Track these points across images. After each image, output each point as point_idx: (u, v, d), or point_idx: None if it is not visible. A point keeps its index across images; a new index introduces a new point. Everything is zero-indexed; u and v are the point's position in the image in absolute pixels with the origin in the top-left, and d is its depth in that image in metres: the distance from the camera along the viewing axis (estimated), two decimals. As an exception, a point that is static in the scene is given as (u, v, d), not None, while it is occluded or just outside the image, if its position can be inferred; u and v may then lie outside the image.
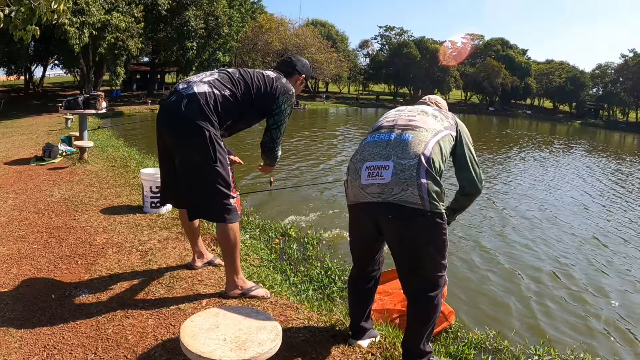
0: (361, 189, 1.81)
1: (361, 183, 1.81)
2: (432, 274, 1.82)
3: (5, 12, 2.71)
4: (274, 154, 2.56)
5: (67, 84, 41.39)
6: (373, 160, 1.80)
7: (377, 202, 1.77)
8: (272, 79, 2.43)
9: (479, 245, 5.96)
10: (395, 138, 1.83)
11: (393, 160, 1.76)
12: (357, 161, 1.88)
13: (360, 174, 1.82)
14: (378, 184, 1.75)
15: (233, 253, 2.37)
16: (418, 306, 1.85)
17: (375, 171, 1.77)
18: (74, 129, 10.90)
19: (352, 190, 1.88)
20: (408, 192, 1.70)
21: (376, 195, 1.76)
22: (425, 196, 1.70)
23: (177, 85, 2.39)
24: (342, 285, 3.71)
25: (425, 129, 1.84)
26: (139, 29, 23.92)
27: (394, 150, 1.79)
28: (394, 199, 1.72)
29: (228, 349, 1.38)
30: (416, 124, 1.87)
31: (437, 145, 1.79)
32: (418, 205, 1.70)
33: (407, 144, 1.78)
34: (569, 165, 16.78)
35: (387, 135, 1.87)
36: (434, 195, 1.71)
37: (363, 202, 1.83)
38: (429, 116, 1.93)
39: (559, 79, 63.52)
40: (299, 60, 2.65)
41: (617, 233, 7.52)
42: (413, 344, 1.89)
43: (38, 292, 2.51)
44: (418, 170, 1.71)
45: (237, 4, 35.05)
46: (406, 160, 1.73)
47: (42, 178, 5.61)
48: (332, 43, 52.17)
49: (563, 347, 3.45)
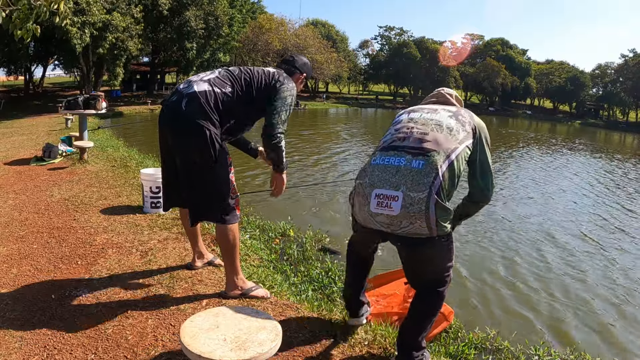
0: (370, 215, 1.79)
1: (370, 210, 1.78)
2: (440, 276, 1.89)
3: (6, 12, 2.71)
4: (274, 141, 2.29)
5: (67, 84, 41.39)
6: (382, 188, 1.76)
7: (386, 232, 1.79)
8: (272, 74, 2.42)
9: (478, 245, 5.96)
10: (405, 165, 1.76)
11: (402, 190, 1.72)
12: (366, 185, 1.83)
13: (370, 200, 1.78)
14: (387, 214, 1.74)
15: (233, 253, 2.36)
16: (426, 299, 1.91)
17: (384, 201, 1.74)
18: (74, 129, 10.91)
19: (361, 214, 1.86)
20: (416, 225, 1.70)
21: (385, 225, 1.76)
22: (434, 226, 1.71)
23: (178, 86, 2.39)
24: (342, 286, 3.71)
25: (437, 152, 1.75)
26: (138, 30, 23.93)
27: (404, 180, 1.73)
28: (402, 232, 1.74)
29: (228, 349, 1.38)
30: (428, 146, 1.78)
31: (449, 170, 1.74)
32: (425, 235, 1.73)
33: (417, 174, 1.72)
34: (565, 162, 16.78)
35: (397, 160, 1.80)
36: (441, 222, 1.72)
37: (372, 228, 1.83)
38: (443, 130, 1.83)
39: (559, 79, 63.51)
40: (300, 59, 2.63)
41: (617, 233, 7.52)
42: (411, 335, 1.91)
43: (38, 292, 2.51)
44: (427, 203, 1.68)
45: (239, 4, 35.07)
46: (415, 194, 1.69)
47: (42, 178, 5.61)
48: (332, 43, 52.14)
49: (563, 347, 3.45)
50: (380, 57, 64.51)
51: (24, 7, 2.72)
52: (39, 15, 2.74)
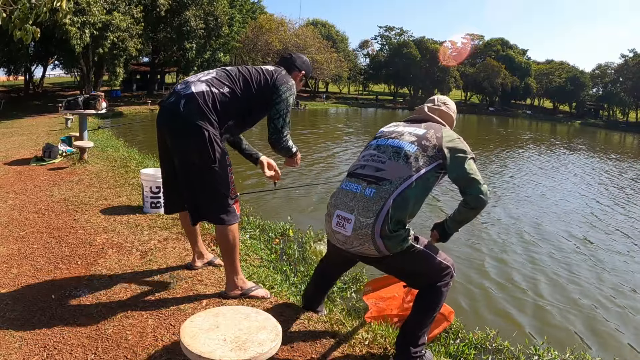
0: (332, 232, 1.98)
1: (332, 228, 1.97)
2: (426, 277, 1.97)
3: (6, 12, 2.71)
4: (282, 145, 2.40)
5: (67, 84, 41.38)
6: (341, 210, 1.94)
7: (344, 249, 1.95)
8: (271, 72, 2.41)
9: (478, 246, 5.96)
10: (360, 192, 1.92)
11: (355, 215, 1.88)
12: (331, 205, 2.02)
13: (332, 219, 1.97)
14: (342, 234, 1.91)
15: (233, 254, 2.36)
16: (423, 294, 1.99)
17: (341, 222, 1.92)
18: (74, 129, 10.91)
19: (327, 229, 2.05)
20: (365, 247, 1.86)
21: (341, 243, 1.95)
22: (383, 249, 1.84)
23: (175, 86, 2.38)
24: (342, 286, 3.71)
25: (389, 181, 1.87)
26: (138, 30, 23.93)
27: (357, 205, 1.89)
28: (355, 251, 1.91)
29: (228, 349, 1.38)
30: (382, 175, 1.91)
31: (401, 197, 1.84)
32: (375, 255, 1.88)
33: (367, 201, 1.87)
34: (564, 162, 16.78)
35: (355, 186, 1.96)
36: (390, 246, 1.84)
37: (333, 244, 2.02)
38: (400, 159, 1.92)
39: (559, 79, 63.48)
40: (299, 57, 2.62)
41: (618, 232, 7.52)
42: (410, 329, 1.95)
43: (38, 292, 2.51)
44: (373, 230, 1.82)
45: (239, 4, 35.06)
46: (364, 219, 1.85)
47: (42, 178, 5.61)
48: (332, 43, 52.14)
49: (563, 347, 3.45)
50: (380, 57, 64.49)
51: (24, 7, 2.72)
52: (39, 15, 2.74)
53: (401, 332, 1.99)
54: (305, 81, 2.69)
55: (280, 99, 2.33)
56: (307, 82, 2.70)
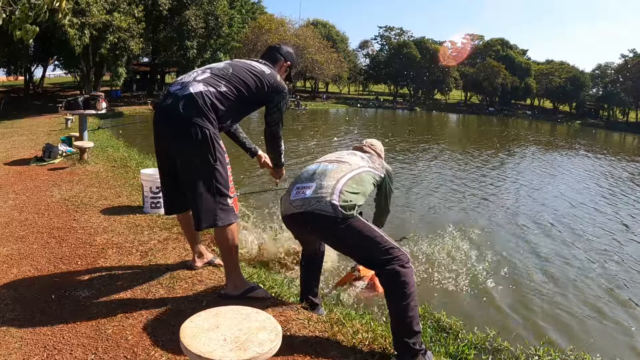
0: (289, 203, 2.20)
1: (290, 199, 2.21)
2: (376, 251, 2.02)
3: (7, 13, 2.71)
4: (277, 147, 2.64)
5: (67, 84, 41.36)
6: (301, 183, 2.24)
7: (299, 213, 2.14)
8: (266, 76, 2.43)
9: (478, 246, 5.95)
10: (322, 168, 2.28)
11: (316, 182, 2.18)
12: (291, 185, 2.30)
13: (291, 192, 2.24)
14: (301, 198, 2.16)
15: (232, 254, 2.36)
16: (385, 282, 2.03)
17: (301, 190, 2.20)
18: (74, 129, 10.90)
19: (284, 205, 2.28)
20: (322, 203, 2.08)
21: (299, 207, 2.15)
22: (339, 208, 2.04)
23: (169, 87, 2.37)
24: (340, 288, 3.71)
25: (349, 164, 2.27)
26: (139, 29, 23.93)
27: (318, 176, 2.22)
28: (311, 209, 2.10)
29: (228, 349, 1.38)
30: (343, 159, 2.32)
31: (357, 175, 2.20)
32: (330, 214, 2.04)
33: (329, 171, 2.21)
34: (564, 162, 16.78)
35: (317, 165, 2.33)
36: (345, 207, 2.04)
37: (290, 214, 2.21)
38: (356, 156, 2.38)
39: (559, 79, 63.39)
40: (286, 47, 2.69)
41: (618, 233, 7.52)
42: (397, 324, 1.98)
43: (38, 292, 2.51)
44: (333, 189, 2.09)
45: (239, 5, 35.06)
46: (325, 182, 2.15)
47: (42, 178, 5.61)
48: (332, 43, 52.11)
49: (563, 347, 3.45)
50: (380, 57, 64.50)
51: (24, 7, 2.72)
52: (39, 15, 2.74)
53: (392, 332, 2.03)
54: (289, 72, 2.70)
55: (276, 108, 2.48)
56: (290, 74, 2.70)
